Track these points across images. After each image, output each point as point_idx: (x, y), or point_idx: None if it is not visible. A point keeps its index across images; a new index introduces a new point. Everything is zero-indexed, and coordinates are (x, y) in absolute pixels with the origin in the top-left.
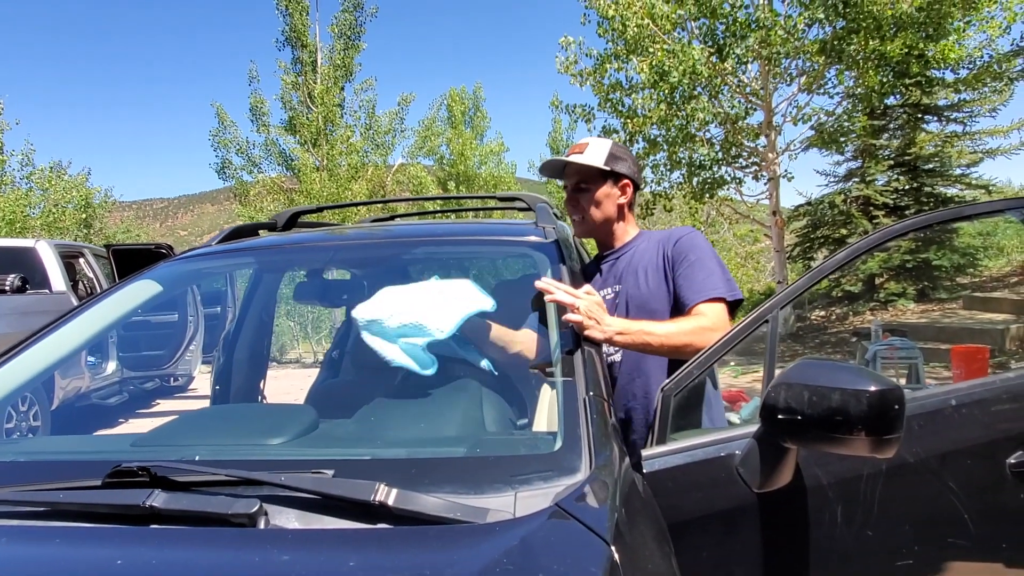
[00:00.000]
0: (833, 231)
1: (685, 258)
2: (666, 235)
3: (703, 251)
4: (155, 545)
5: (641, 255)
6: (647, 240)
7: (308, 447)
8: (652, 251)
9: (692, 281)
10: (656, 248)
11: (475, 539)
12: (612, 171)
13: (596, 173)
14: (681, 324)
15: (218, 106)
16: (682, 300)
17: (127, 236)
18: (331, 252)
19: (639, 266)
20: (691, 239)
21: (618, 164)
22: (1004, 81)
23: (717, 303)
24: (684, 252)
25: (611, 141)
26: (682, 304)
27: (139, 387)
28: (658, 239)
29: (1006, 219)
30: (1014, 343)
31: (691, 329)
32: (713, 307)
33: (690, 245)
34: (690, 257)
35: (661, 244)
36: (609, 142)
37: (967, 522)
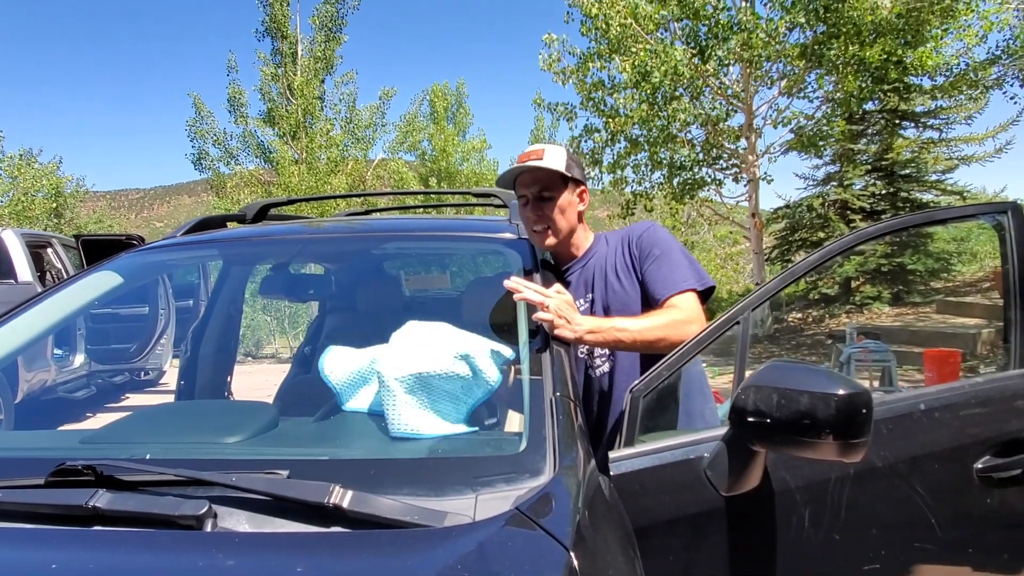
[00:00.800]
0: (811, 234)
1: (650, 253)
2: (626, 233)
3: (667, 243)
4: (94, 548)
5: (604, 258)
6: (606, 242)
7: (265, 446)
8: (616, 251)
9: (660, 275)
10: (619, 247)
11: (430, 544)
12: (572, 177)
13: (559, 179)
14: (654, 318)
15: (195, 96)
16: (652, 296)
17: (99, 227)
18: (300, 245)
19: (607, 269)
20: (652, 233)
21: (575, 171)
22: (980, 89)
23: (688, 294)
24: (648, 247)
25: (563, 146)
26: (653, 300)
27: (108, 381)
28: (619, 238)
29: (979, 224)
30: (985, 347)
31: (664, 323)
32: (684, 298)
33: (652, 240)
34: (655, 252)
35: (623, 242)
36: (563, 148)
37: (934, 526)
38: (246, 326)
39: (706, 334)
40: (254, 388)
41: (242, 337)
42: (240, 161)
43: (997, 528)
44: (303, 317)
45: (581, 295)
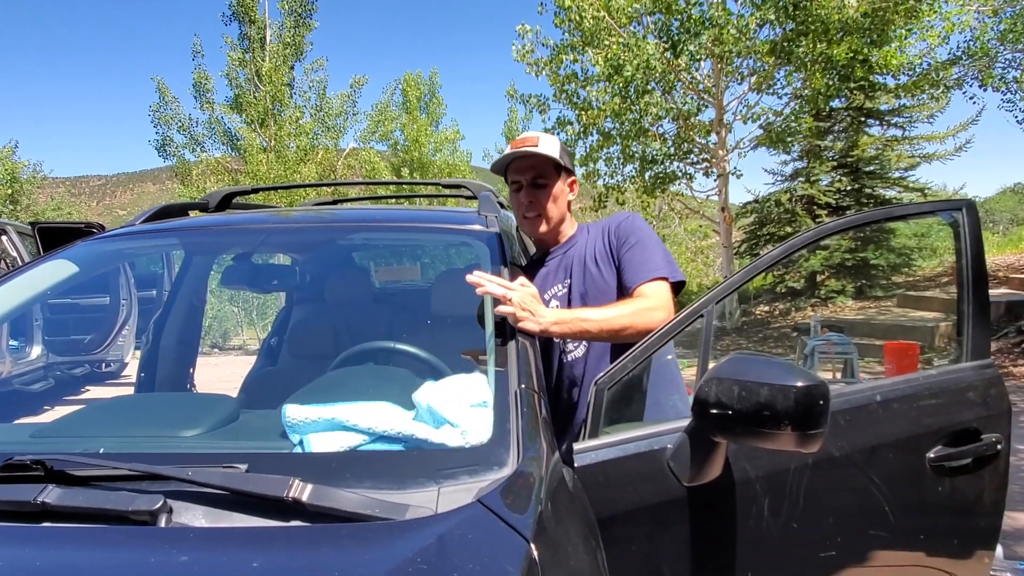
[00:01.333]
0: (779, 228)
1: (626, 241)
2: (607, 222)
3: (643, 233)
4: (42, 545)
5: (584, 246)
6: (587, 231)
7: (224, 440)
8: (596, 240)
9: (632, 263)
10: (599, 236)
11: (390, 537)
12: (565, 166)
13: (552, 168)
14: (619, 308)
15: (159, 80)
16: (625, 283)
17: (58, 214)
18: (263, 235)
19: (586, 257)
20: (631, 222)
21: (566, 160)
22: (941, 89)
23: (658, 282)
24: (625, 235)
25: (553, 136)
26: (625, 287)
27: (67, 373)
28: (600, 227)
29: (939, 221)
30: (943, 340)
31: (631, 311)
32: (653, 286)
33: (630, 228)
34: (631, 240)
35: (604, 231)
36: (555, 138)
37: (888, 513)
38: (212, 317)
39: (670, 327)
40: (220, 380)
41: (208, 328)
42: (206, 148)
43: (948, 515)
44: (271, 308)
45: (560, 280)
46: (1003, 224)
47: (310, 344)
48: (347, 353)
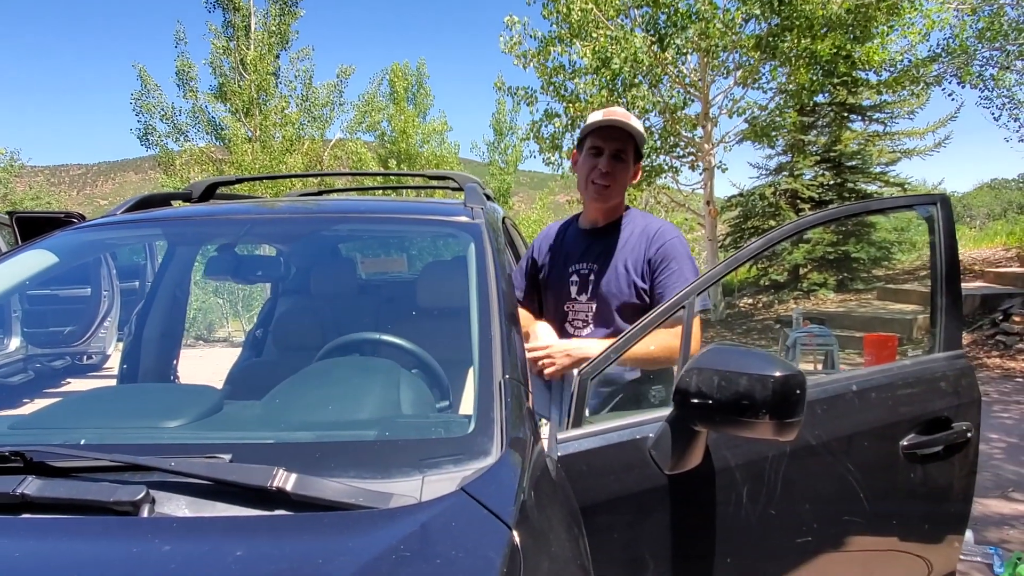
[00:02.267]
0: (763, 222)
1: (667, 265)
2: (652, 234)
3: (683, 260)
4: (22, 536)
5: (625, 242)
6: (633, 226)
7: (208, 430)
8: (636, 247)
9: (669, 290)
10: (640, 245)
11: (374, 525)
12: (641, 153)
13: (633, 149)
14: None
15: (140, 67)
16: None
17: (37, 204)
18: (247, 226)
19: (620, 254)
20: (675, 246)
21: (642, 144)
22: (921, 85)
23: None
24: (667, 258)
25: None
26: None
27: (47, 365)
28: (643, 235)
29: (917, 215)
30: (921, 332)
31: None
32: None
33: (673, 252)
34: (672, 265)
35: (645, 244)
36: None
37: (863, 500)
38: (197, 308)
39: (652, 318)
40: (209, 372)
41: (193, 320)
42: (190, 138)
43: (920, 501)
44: (257, 300)
45: (589, 260)
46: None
47: (295, 335)
48: (332, 344)
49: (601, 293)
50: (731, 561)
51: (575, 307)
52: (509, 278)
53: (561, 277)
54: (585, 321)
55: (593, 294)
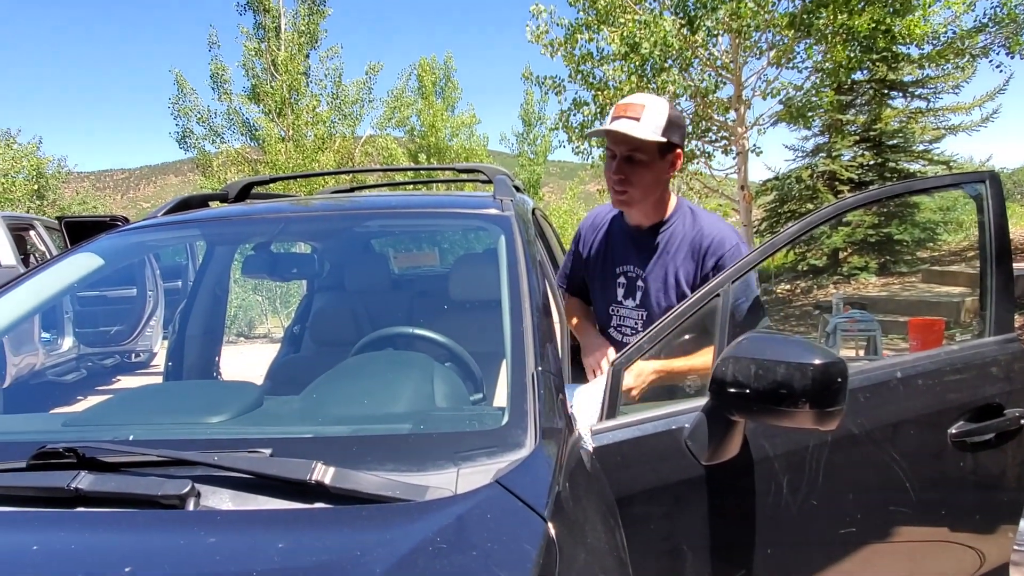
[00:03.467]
0: (800, 205)
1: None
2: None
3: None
4: (76, 529)
5: (675, 248)
6: (684, 224)
7: (249, 425)
8: (688, 256)
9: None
10: (695, 256)
11: (410, 517)
12: (668, 142)
13: (653, 146)
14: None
15: (177, 72)
16: None
17: (83, 208)
18: (282, 224)
19: (669, 263)
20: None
21: (675, 133)
22: (967, 58)
23: None
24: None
25: (666, 102)
26: None
27: (98, 363)
28: (696, 243)
29: (964, 194)
30: (969, 315)
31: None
32: None
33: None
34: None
35: (700, 255)
36: (666, 104)
37: (909, 490)
38: (238, 306)
39: (687, 306)
40: (249, 368)
41: (234, 317)
42: (226, 139)
43: (970, 490)
44: (295, 296)
45: (634, 263)
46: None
47: (331, 331)
48: (367, 339)
49: (651, 302)
50: (772, 552)
51: (621, 311)
52: (541, 269)
53: (606, 276)
54: (635, 328)
55: (643, 302)
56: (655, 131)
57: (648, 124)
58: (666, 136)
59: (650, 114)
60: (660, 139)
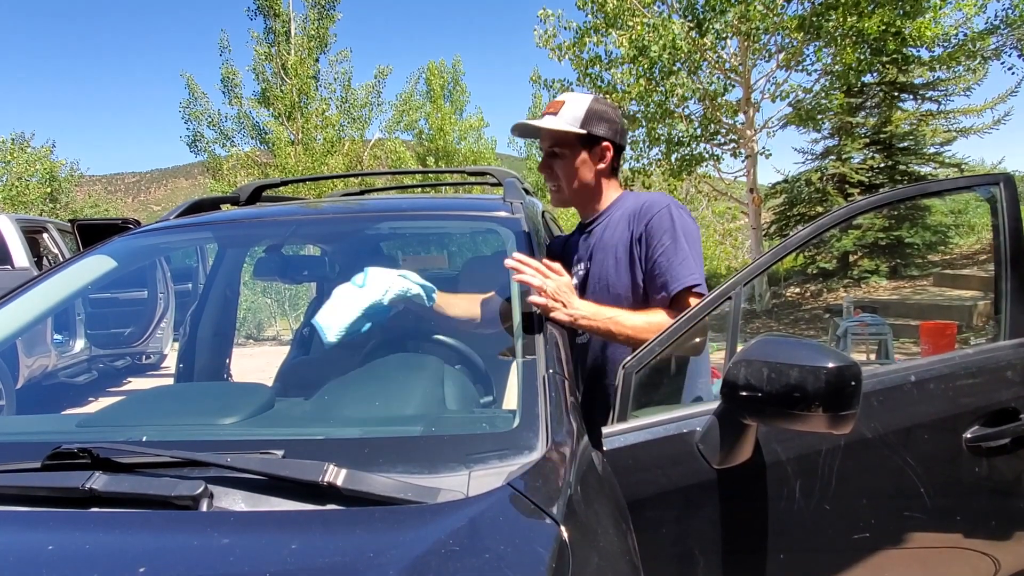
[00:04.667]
0: (809, 208)
1: (659, 243)
2: (640, 209)
3: (677, 231)
4: (90, 529)
5: (613, 228)
6: (622, 208)
7: (261, 427)
8: (623, 226)
9: (667, 268)
10: (628, 224)
11: (423, 519)
12: (588, 134)
13: (571, 137)
14: (651, 318)
15: (188, 76)
16: (656, 288)
17: (95, 211)
18: (293, 227)
19: (608, 244)
20: (662, 220)
21: (596, 125)
22: (978, 60)
23: (691, 296)
24: (656, 235)
25: (591, 96)
26: (653, 290)
27: (109, 365)
28: (632, 211)
29: (976, 196)
30: (981, 319)
31: (659, 324)
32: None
33: (662, 228)
34: (664, 240)
35: (634, 221)
36: (589, 98)
37: (923, 495)
38: (247, 308)
39: (698, 310)
40: (258, 370)
41: (243, 320)
42: (236, 143)
43: (985, 496)
44: (304, 299)
45: (583, 260)
46: None
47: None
48: (377, 342)
49: (597, 292)
50: (784, 557)
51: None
52: None
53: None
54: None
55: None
56: (571, 123)
57: (563, 117)
58: (585, 128)
59: (568, 108)
60: (575, 130)
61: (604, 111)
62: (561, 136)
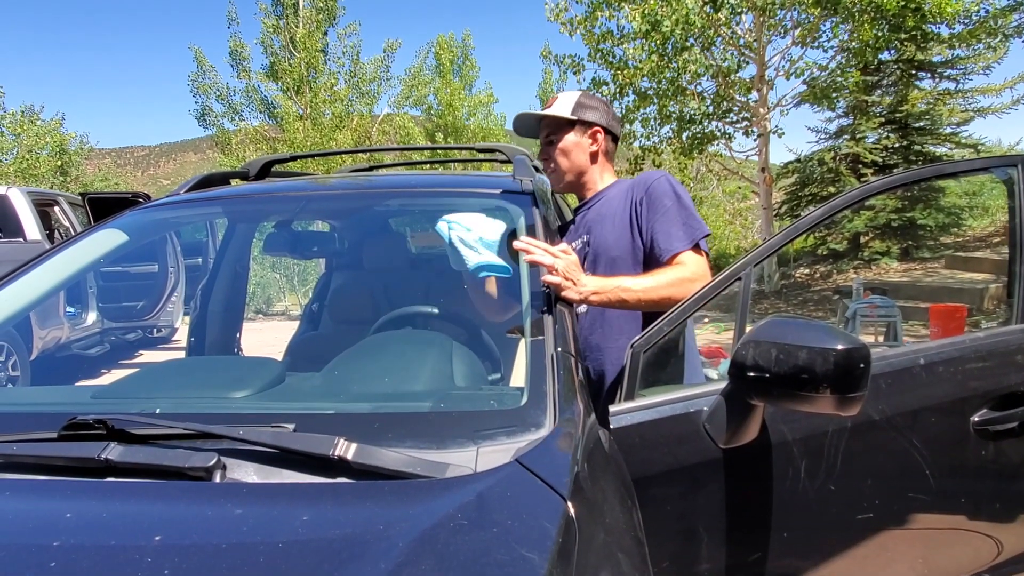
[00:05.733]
0: (822, 188)
1: (660, 205)
2: (637, 181)
3: (674, 196)
4: (107, 498)
5: (609, 203)
6: (618, 187)
7: (272, 401)
8: (621, 198)
9: (666, 231)
10: (626, 195)
11: (431, 494)
12: (579, 120)
13: (563, 123)
14: (658, 277)
15: (196, 49)
16: (658, 252)
17: (105, 184)
18: (302, 202)
19: (606, 215)
20: (661, 185)
21: (586, 112)
22: (999, 38)
23: (694, 253)
24: (657, 199)
25: (580, 91)
26: (658, 254)
27: (121, 338)
28: (629, 185)
29: (992, 178)
30: (992, 302)
31: (669, 281)
32: (691, 256)
33: (662, 191)
34: (665, 202)
35: (631, 191)
36: (578, 92)
37: (929, 477)
38: (256, 283)
39: (707, 290)
40: (267, 345)
41: (253, 294)
42: (244, 117)
43: (991, 479)
44: (313, 274)
45: (580, 235)
46: None
47: (350, 309)
48: (386, 318)
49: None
50: (787, 536)
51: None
52: None
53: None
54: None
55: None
56: (562, 111)
57: (557, 107)
58: (576, 115)
59: (560, 100)
60: (566, 115)
61: (592, 101)
62: (555, 123)
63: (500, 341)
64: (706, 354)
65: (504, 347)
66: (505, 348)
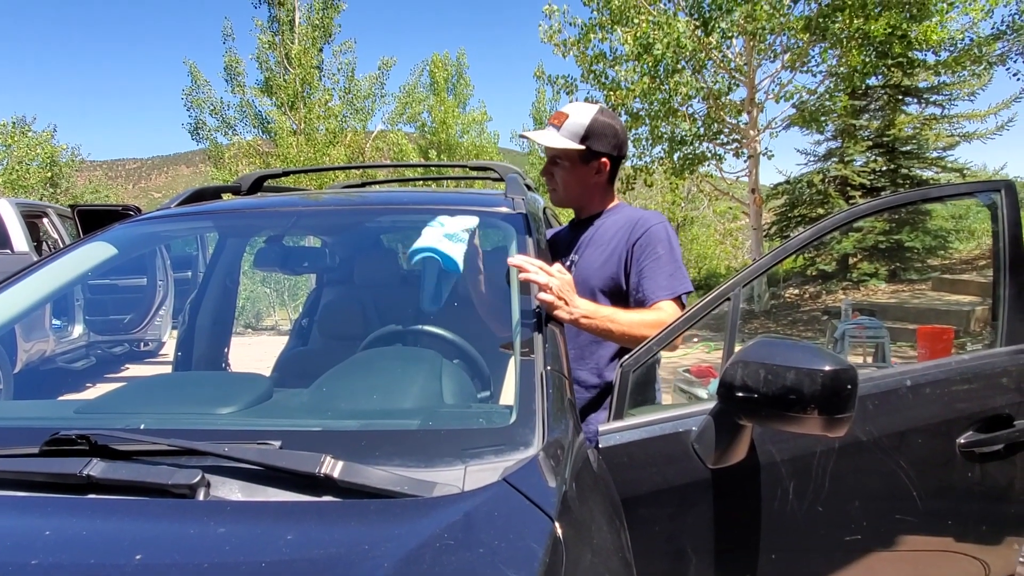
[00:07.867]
0: (810, 210)
1: (653, 250)
2: (636, 220)
3: (670, 245)
4: (87, 515)
5: (605, 231)
6: (617, 215)
7: (258, 417)
8: (617, 230)
9: (656, 275)
10: (624, 231)
11: (418, 513)
12: (589, 149)
13: (572, 152)
14: (644, 316)
15: (191, 64)
16: (644, 293)
17: (96, 197)
18: (294, 217)
19: (598, 243)
20: (659, 232)
21: (596, 141)
22: (983, 65)
23: (677, 304)
24: (652, 245)
25: (596, 109)
26: (641, 297)
27: (107, 351)
28: (627, 222)
29: (977, 202)
30: (979, 324)
31: (651, 322)
32: (672, 306)
33: (658, 239)
34: (658, 250)
35: (631, 229)
36: (593, 111)
37: (916, 498)
38: (246, 298)
39: (697, 310)
40: (255, 360)
41: (242, 309)
42: (238, 131)
43: (977, 500)
44: (303, 289)
45: (571, 253)
46: None
47: (340, 325)
48: (376, 334)
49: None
50: (775, 557)
51: None
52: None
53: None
54: None
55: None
56: (571, 139)
57: (564, 132)
58: (585, 144)
59: (570, 122)
60: (575, 147)
61: (606, 124)
62: (559, 151)
63: (490, 359)
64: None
65: (494, 365)
66: (495, 366)
